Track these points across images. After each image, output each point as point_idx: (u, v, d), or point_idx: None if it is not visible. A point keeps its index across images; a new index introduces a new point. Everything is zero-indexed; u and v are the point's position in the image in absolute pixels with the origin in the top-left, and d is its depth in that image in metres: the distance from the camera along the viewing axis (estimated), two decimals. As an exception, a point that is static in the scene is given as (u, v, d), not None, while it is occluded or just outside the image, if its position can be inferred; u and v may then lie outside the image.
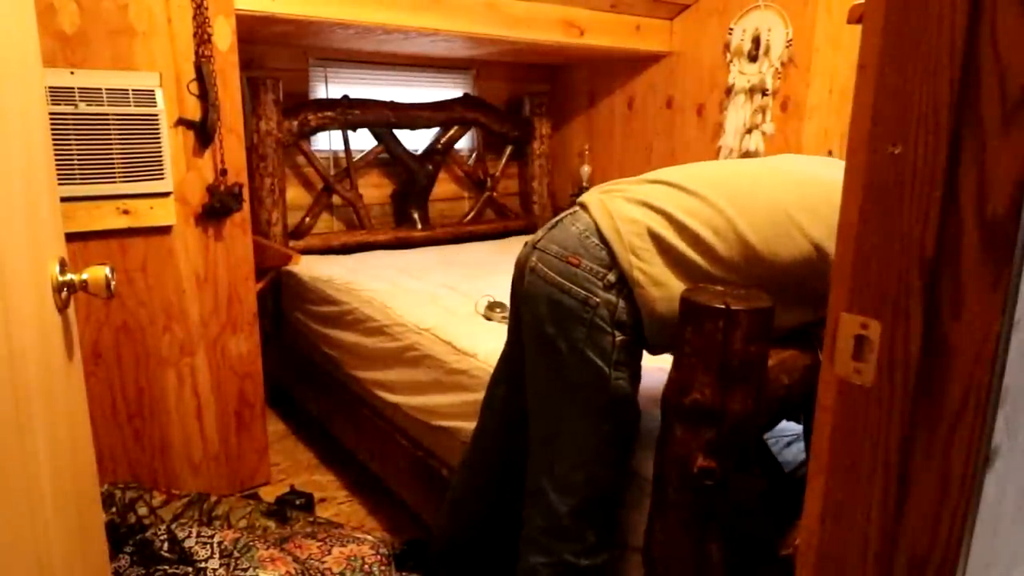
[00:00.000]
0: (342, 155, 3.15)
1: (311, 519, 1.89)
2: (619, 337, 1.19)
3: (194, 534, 1.48)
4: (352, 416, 2.43)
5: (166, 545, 1.47)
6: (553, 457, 1.27)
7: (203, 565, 1.43)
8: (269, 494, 2.18)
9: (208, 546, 1.46)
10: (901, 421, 0.59)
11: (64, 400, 0.85)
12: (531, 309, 1.28)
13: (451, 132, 3.42)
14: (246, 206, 2.04)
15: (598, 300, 1.18)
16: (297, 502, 2.08)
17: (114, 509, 1.71)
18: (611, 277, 1.19)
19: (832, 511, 0.66)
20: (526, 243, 1.33)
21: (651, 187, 1.30)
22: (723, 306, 1.00)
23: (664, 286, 1.18)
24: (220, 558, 1.44)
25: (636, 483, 1.32)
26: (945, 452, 0.57)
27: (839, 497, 0.66)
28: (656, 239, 1.19)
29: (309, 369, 2.68)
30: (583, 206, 1.29)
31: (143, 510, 1.73)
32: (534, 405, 1.32)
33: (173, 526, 1.50)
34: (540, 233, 1.31)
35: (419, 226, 3.33)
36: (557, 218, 1.31)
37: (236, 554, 1.45)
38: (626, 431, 1.26)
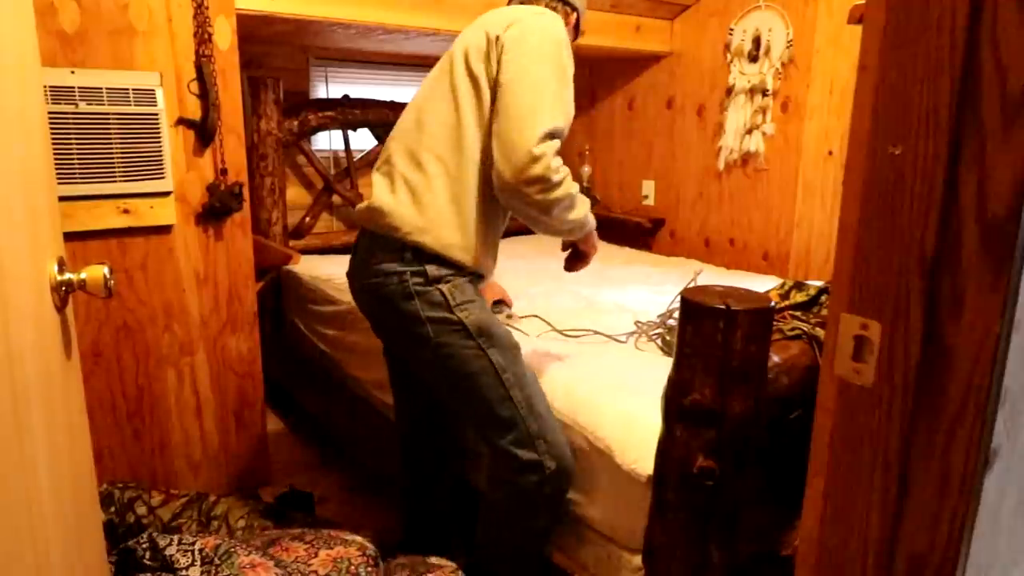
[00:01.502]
0: (342, 155, 3.15)
1: (310, 519, 1.89)
2: (444, 286, 1.38)
3: (175, 541, 1.47)
4: (352, 415, 2.43)
5: (148, 553, 1.47)
6: (476, 410, 1.42)
7: (184, 573, 1.42)
8: (269, 494, 2.17)
9: (189, 553, 1.45)
10: (901, 422, 0.59)
11: (62, 399, 0.85)
12: (374, 317, 1.52)
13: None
14: (246, 206, 2.04)
15: (406, 271, 1.38)
16: (297, 502, 2.08)
17: (113, 508, 1.71)
18: (408, 255, 1.38)
19: (832, 511, 0.66)
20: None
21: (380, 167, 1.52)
22: (723, 306, 1.00)
23: (430, 228, 1.36)
24: (201, 565, 1.43)
25: (636, 482, 1.32)
26: (945, 453, 0.57)
27: (839, 497, 0.66)
28: (394, 197, 1.40)
29: (309, 368, 2.68)
30: None
31: (142, 509, 1.73)
32: (433, 384, 1.49)
33: (155, 534, 1.49)
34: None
35: (419, 226, 3.33)
36: (355, 243, 1.55)
37: (217, 561, 1.44)
38: (508, 349, 1.43)
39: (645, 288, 2.48)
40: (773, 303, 1.05)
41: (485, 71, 1.36)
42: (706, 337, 1.02)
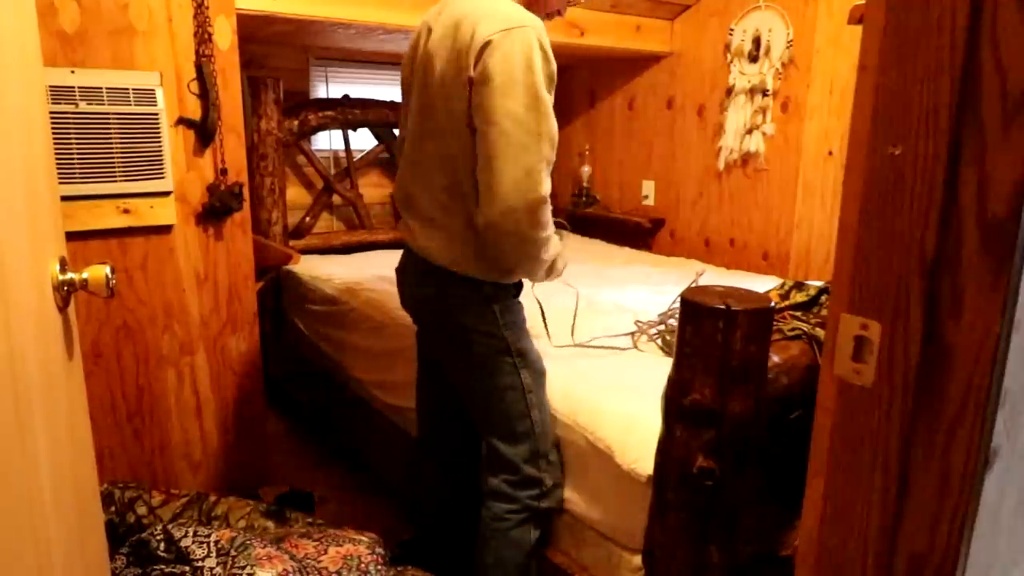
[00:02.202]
0: (342, 154, 3.15)
1: (310, 520, 1.89)
2: (497, 305, 1.44)
3: (191, 533, 1.48)
4: (352, 415, 2.43)
5: (163, 545, 1.47)
6: (496, 420, 1.49)
7: (200, 564, 1.43)
8: (269, 494, 2.17)
9: (205, 545, 1.46)
10: (901, 422, 0.59)
11: (64, 399, 0.85)
12: (423, 320, 1.59)
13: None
14: (246, 205, 2.04)
15: (462, 288, 1.42)
16: (297, 502, 2.08)
17: (113, 508, 1.71)
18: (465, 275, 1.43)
19: (832, 511, 0.67)
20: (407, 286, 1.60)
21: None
22: (723, 307, 1.00)
23: (476, 264, 1.39)
24: (217, 557, 1.44)
25: (636, 482, 1.32)
26: (945, 453, 0.57)
27: (839, 497, 0.66)
28: (438, 243, 1.43)
29: (309, 368, 2.68)
30: None
31: (142, 509, 1.73)
32: (463, 389, 1.54)
33: (170, 526, 1.50)
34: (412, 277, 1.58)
35: (419, 226, 3.33)
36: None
37: (233, 553, 1.45)
38: (538, 372, 1.51)
39: (645, 288, 2.48)
40: (773, 303, 1.06)
41: (464, 110, 1.31)
42: (706, 337, 1.02)
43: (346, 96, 3.03)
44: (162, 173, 1.86)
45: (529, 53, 1.26)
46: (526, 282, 1.61)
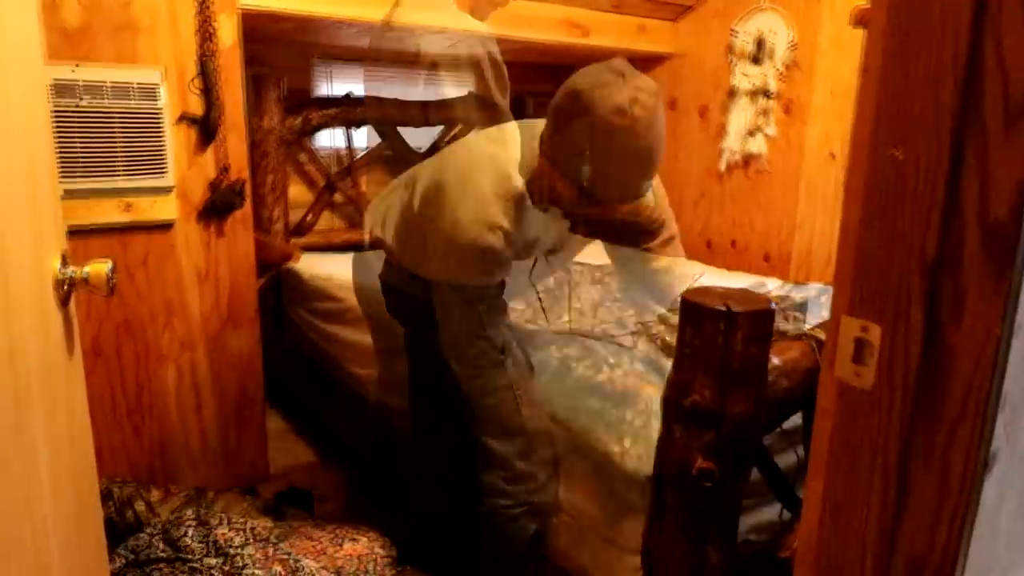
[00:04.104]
0: (344, 153, 3.15)
1: (309, 518, 1.89)
2: (481, 306, 1.46)
3: (190, 532, 1.48)
4: (352, 413, 2.43)
5: (161, 544, 1.47)
6: (486, 419, 1.51)
7: (198, 563, 1.43)
8: (268, 491, 2.17)
9: (203, 543, 1.46)
10: (900, 424, 0.59)
11: (64, 396, 0.85)
12: (409, 323, 1.60)
13: (455, 130, 3.41)
14: (248, 203, 2.04)
15: (444, 300, 1.46)
16: (296, 500, 2.08)
17: (112, 506, 1.71)
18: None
19: (831, 513, 0.66)
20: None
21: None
22: (723, 308, 1.00)
23: (429, 268, 1.44)
24: (216, 556, 1.44)
25: (635, 483, 1.32)
26: (944, 456, 0.57)
27: (838, 499, 0.66)
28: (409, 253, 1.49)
29: (309, 366, 2.68)
30: None
31: (141, 507, 1.73)
32: (454, 391, 1.54)
33: (168, 525, 1.50)
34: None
35: (420, 225, 3.33)
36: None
37: (231, 551, 1.45)
38: (524, 369, 1.53)
39: (646, 289, 2.47)
40: (773, 305, 1.05)
41: None
42: (706, 338, 1.02)
43: (348, 94, 3.02)
44: (164, 170, 1.86)
45: None
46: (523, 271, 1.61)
